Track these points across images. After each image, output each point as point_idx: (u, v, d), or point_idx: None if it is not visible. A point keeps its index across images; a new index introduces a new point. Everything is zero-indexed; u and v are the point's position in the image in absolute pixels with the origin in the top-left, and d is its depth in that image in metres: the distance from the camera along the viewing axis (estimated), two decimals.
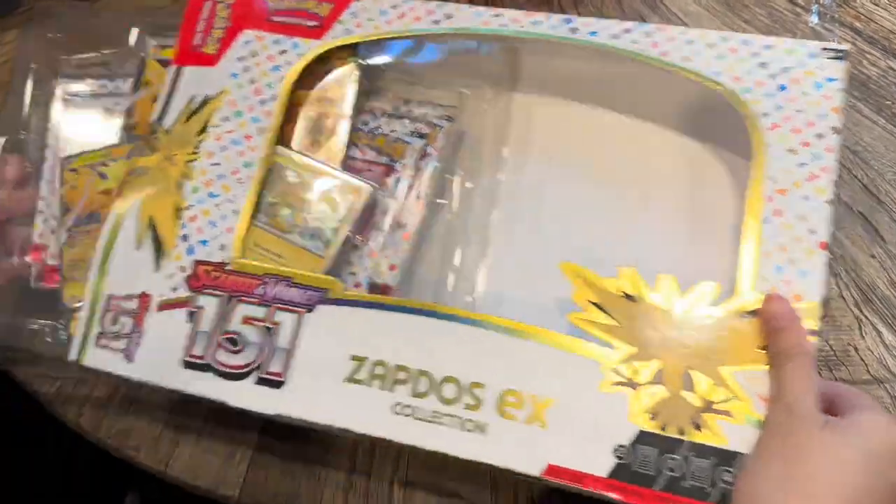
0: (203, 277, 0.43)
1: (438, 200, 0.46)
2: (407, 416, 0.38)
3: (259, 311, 0.41)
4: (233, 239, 0.43)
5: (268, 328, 0.41)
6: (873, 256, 0.48)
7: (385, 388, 0.38)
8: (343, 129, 0.47)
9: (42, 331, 0.45)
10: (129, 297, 0.43)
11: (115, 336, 0.42)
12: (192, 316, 0.42)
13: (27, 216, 0.48)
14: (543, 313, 0.39)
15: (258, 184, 0.45)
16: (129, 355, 0.42)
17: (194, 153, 0.46)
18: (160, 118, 0.47)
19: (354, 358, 0.39)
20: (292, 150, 0.46)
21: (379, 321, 0.40)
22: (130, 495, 0.81)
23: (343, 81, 0.48)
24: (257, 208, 0.44)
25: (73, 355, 0.43)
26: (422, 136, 0.46)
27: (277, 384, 0.40)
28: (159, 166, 0.46)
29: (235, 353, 0.41)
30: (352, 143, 0.47)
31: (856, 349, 0.45)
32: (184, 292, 0.42)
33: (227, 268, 0.42)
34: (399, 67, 0.48)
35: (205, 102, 0.47)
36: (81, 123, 0.51)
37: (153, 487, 0.79)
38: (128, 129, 0.50)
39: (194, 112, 0.47)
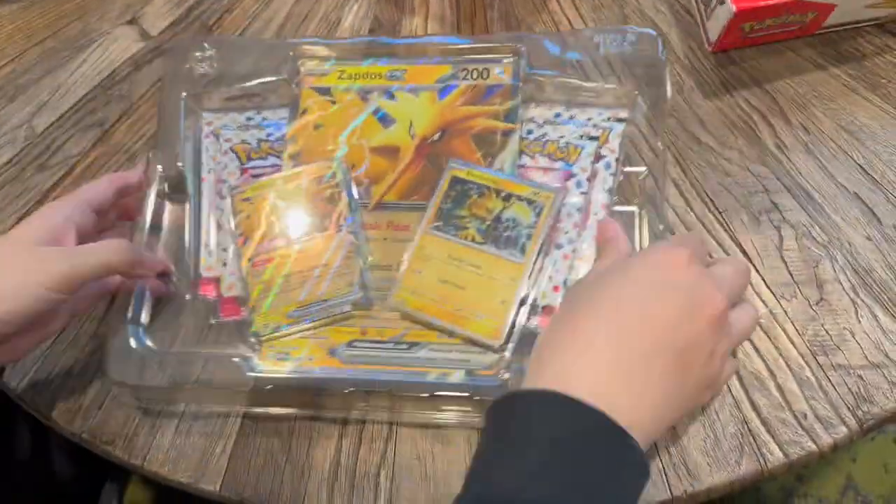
0: None
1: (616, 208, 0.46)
2: None
3: None
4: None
5: None
6: (869, 239, 0.47)
7: None
8: (513, 140, 0.48)
9: (230, 362, 0.45)
10: None
11: None
12: None
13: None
14: None
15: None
16: None
17: None
18: None
19: None
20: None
21: None
22: (108, 485, 0.78)
23: (504, 94, 0.49)
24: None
25: None
26: (592, 138, 0.48)
27: None
28: None
29: None
30: (521, 151, 0.49)
31: (852, 333, 0.43)
32: None
33: None
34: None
35: None
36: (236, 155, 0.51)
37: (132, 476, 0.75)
38: (293, 157, 0.50)
39: None
